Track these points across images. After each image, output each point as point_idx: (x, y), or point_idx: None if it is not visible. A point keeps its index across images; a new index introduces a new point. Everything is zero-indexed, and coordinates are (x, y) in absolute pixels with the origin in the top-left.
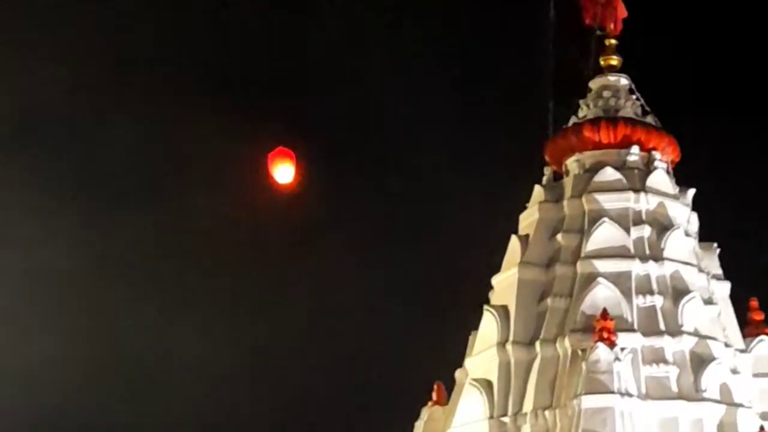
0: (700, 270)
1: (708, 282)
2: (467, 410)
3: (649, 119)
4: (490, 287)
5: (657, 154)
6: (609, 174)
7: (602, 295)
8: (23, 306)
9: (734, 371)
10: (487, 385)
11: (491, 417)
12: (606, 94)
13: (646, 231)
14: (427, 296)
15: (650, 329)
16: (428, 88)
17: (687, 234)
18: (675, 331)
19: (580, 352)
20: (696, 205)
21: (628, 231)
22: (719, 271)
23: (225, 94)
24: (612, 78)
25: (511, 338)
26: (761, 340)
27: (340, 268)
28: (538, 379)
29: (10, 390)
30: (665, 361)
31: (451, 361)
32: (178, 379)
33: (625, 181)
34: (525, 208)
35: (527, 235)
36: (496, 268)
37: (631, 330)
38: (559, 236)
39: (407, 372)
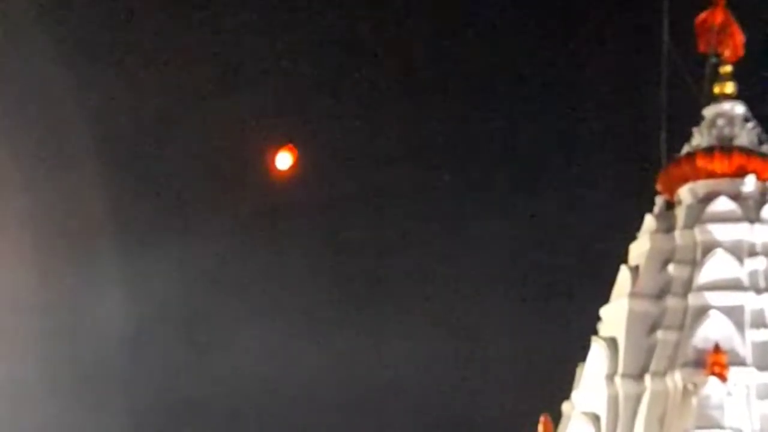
0: None
1: None
2: None
3: (766, 148)
4: (599, 318)
5: None
6: (723, 204)
7: (715, 329)
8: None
9: None
10: (595, 418)
11: None
12: (720, 122)
13: (761, 263)
14: (534, 326)
15: (764, 364)
16: (535, 111)
17: None
18: None
19: (691, 387)
20: None
21: (741, 263)
22: None
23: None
24: (726, 106)
25: (620, 371)
26: None
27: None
28: (647, 414)
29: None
30: None
31: (559, 394)
32: None
33: (739, 211)
34: (636, 238)
35: (638, 266)
36: (605, 299)
37: (745, 365)
38: (670, 267)
39: (513, 404)
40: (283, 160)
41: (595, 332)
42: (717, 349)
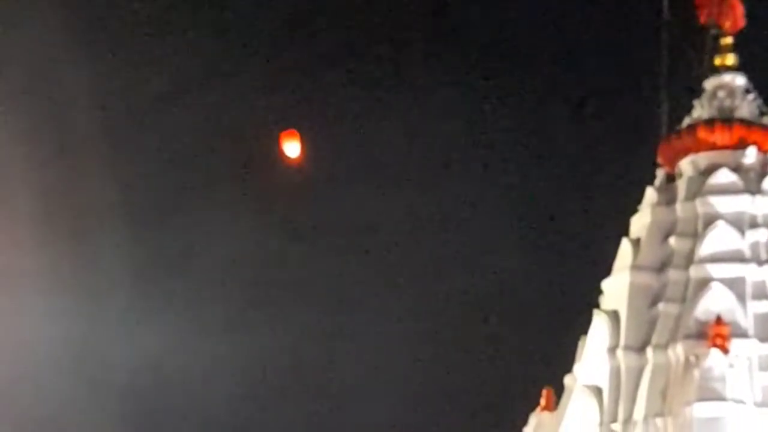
0: None
1: None
2: (576, 417)
3: (767, 120)
4: (601, 291)
5: None
6: (724, 176)
7: (716, 301)
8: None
9: None
10: (597, 391)
11: (601, 424)
12: (721, 94)
13: (762, 235)
14: (535, 300)
15: (766, 336)
16: (535, 84)
17: None
18: None
19: (692, 359)
20: None
21: (743, 234)
22: None
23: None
24: (727, 77)
25: (621, 344)
26: None
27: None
28: (650, 386)
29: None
30: None
31: (561, 367)
32: None
33: (740, 183)
34: (637, 210)
35: (639, 239)
36: (607, 272)
37: (746, 336)
38: (671, 240)
39: (516, 377)
40: (292, 147)
41: (597, 305)
42: (719, 321)
